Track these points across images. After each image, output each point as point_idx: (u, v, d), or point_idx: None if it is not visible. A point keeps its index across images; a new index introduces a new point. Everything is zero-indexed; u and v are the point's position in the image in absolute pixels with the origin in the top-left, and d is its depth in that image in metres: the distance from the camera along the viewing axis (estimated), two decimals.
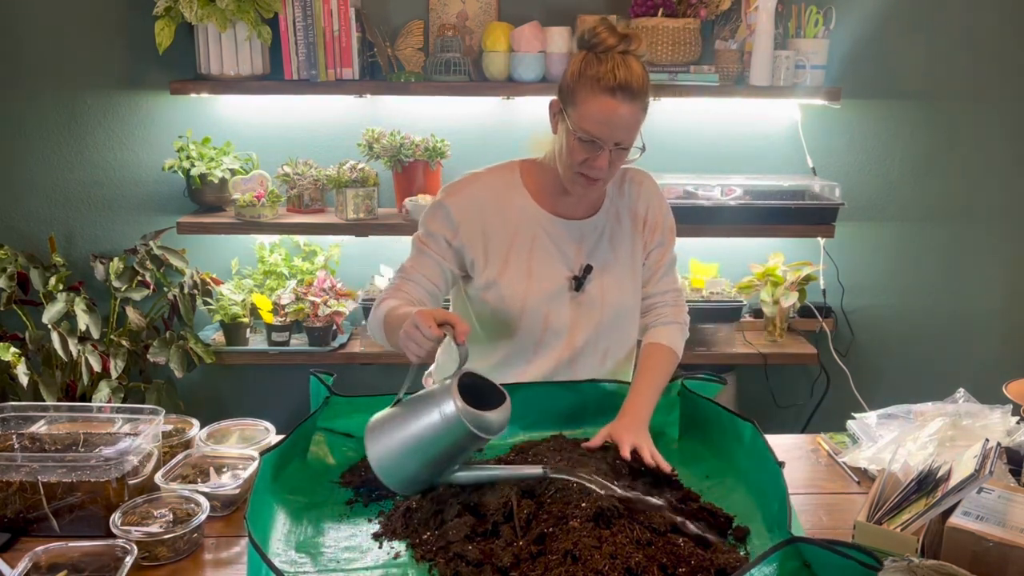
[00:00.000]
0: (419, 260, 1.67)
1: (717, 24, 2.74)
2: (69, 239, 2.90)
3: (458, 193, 1.67)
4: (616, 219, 1.72)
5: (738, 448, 1.49)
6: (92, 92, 2.78)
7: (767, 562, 1.06)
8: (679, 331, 1.74)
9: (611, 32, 1.51)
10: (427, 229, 1.67)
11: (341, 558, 1.27)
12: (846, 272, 2.97)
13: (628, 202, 1.73)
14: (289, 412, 2.71)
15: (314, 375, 1.57)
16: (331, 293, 2.75)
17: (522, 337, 1.69)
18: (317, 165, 2.78)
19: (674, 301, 1.77)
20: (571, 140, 1.53)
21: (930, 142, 2.91)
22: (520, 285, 1.65)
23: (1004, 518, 1.23)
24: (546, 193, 1.68)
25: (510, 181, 1.69)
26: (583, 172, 1.56)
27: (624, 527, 1.22)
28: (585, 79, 1.49)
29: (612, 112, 1.48)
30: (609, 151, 1.52)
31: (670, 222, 1.77)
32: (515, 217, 1.66)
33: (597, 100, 1.48)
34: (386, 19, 2.75)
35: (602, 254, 1.70)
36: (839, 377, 2.98)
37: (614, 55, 1.49)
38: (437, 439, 1.31)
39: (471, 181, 1.69)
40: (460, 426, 1.29)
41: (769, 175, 2.86)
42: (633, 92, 1.49)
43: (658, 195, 1.76)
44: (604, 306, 1.70)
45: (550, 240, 1.67)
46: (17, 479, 1.35)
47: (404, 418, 1.34)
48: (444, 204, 1.66)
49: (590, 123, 1.50)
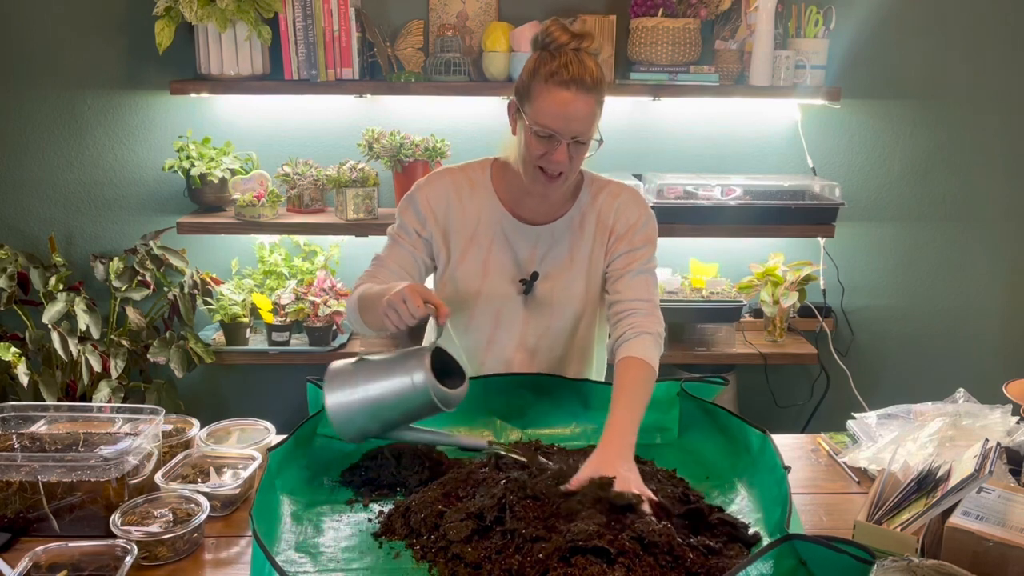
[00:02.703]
0: (393, 250, 1.73)
1: (717, 24, 2.74)
2: (69, 239, 2.90)
3: (427, 186, 1.72)
4: (579, 226, 1.71)
5: (742, 451, 1.49)
6: (92, 92, 2.79)
7: (763, 560, 1.06)
8: (652, 341, 1.61)
9: (563, 30, 1.54)
10: (400, 220, 1.74)
11: (341, 558, 1.27)
12: (846, 272, 2.97)
13: (596, 211, 1.72)
14: (289, 412, 2.70)
15: (311, 382, 1.58)
16: (331, 293, 2.75)
17: (475, 331, 1.74)
18: (317, 165, 2.78)
19: (646, 310, 1.65)
20: (529, 136, 1.55)
21: (930, 142, 2.91)
22: (475, 280, 1.70)
23: (1004, 518, 1.23)
24: (510, 194, 1.71)
25: (479, 179, 1.72)
26: (541, 167, 1.57)
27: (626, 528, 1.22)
28: (539, 76, 1.52)
29: (567, 105, 1.50)
30: (567, 144, 1.54)
31: (646, 233, 1.71)
32: (477, 214, 1.70)
33: (552, 94, 1.50)
34: (386, 19, 2.75)
35: (556, 260, 1.71)
36: (839, 377, 2.99)
37: (567, 51, 1.52)
38: (400, 402, 1.40)
39: (442, 175, 1.74)
40: (425, 395, 1.38)
41: (769, 175, 2.86)
42: (587, 85, 1.51)
43: (635, 207, 1.71)
44: (554, 311, 1.72)
45: (507, 241, 1.70)
46: (17, 479, 1.35)
47: (370, 375, 1.42)
48: (414, 196, 1.72)
49: (546, 117, 1.52)
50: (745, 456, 1.48)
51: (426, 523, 1.30)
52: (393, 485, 1.46)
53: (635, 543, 1.19)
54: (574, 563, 1.16)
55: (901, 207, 2.97)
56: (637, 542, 1.19)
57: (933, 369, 3.07)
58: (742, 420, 1.50)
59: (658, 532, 1.20)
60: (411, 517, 1.32)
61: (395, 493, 1.45)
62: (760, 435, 1.44)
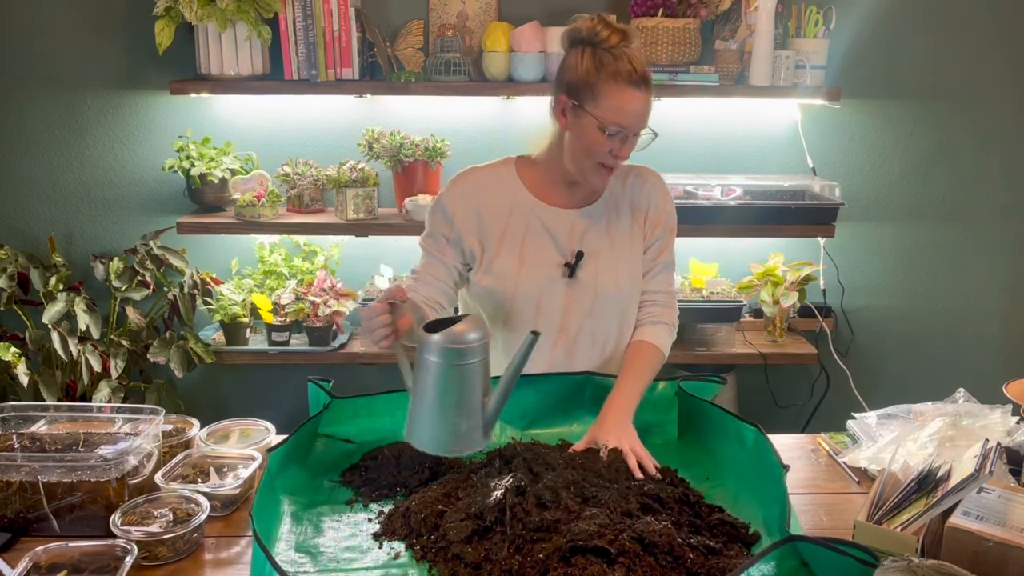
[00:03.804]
0: (426, 262, 1.73)
1: (717, 24, 2.74)
2: (69, 239, 2.90)
3: (451, 188, 1.73)
4: (615, 209, 1.74)
5: (740, 450, 1.49)
6: (92, 92, 2.79)
7: (765, 560, 1.06)
8: (666, 331, 1.76)
9: (613, 29, 1.57)
10: (428, 229, 1.74)
11: (341, 558, 1.27)
12: (846, 272, 2.97)
13: (629, 195, 1.76)
14: (289, 412, 2.71)
15: (312, 382, 1.58)
16: (331, 293, 2.75)
17: (516, 323, 1.72)
18: (317, 165, 2.78)
19: (664, 302, 1.78)
20: (593, 134, 1.57)
21: (930, 142, 2.91)
22: (512, 270, 1.69)
23: (1004, 518, 1.23)
24: (541, 185, 1.72)
25: (504, 174, 1.73)
26: (604, 163, 1.60)
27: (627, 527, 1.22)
28: (604, 75, 1.55)
29: (638, 103, 1.56)
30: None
31: (671, 223, 1.79)
32: (509, 205, 1.70)
33: (624, 93, 1.55)
34: (386, 19, 2.75)
35: (596, 242, 1.72)
36: (839, 377, 2.99)
37: (623, 50, 1.56)
38: (441, 380, 1.34)
39: (465, 176, 1.74)
40: (445, 352, 1.32)
41: (769, 175, 2.86)
42: (648, 82, 1.58)
43: (663, 194, 1.78)
44: (597, 292, 1.71)
45: (543, 227, 1.70)
46: (17, 479, 1.35)
47: (414, 395, 1.38)
48: (439, 201, 1.72)
49: (619, 115, 1.55)
50: (742, 454, 1.48)
51: (426, 523, 1.30)
52: (393, 485, 1.46)
53: (635, 543, 1.19)
54: (574, 563, 1.16)
55: (901, 207, 2.97)
56: (637, 542, 1.19)
57: (933, 369, 3.07)
58: (737, 417, 1.50)
59: (658, 532, 1.20)
60: (411, 517, 1.32)
61: (395, 493, 1.45)
62: (755, 432, 1.45)
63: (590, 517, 1.23)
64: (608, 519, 1.24)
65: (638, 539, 1.20)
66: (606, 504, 1.30)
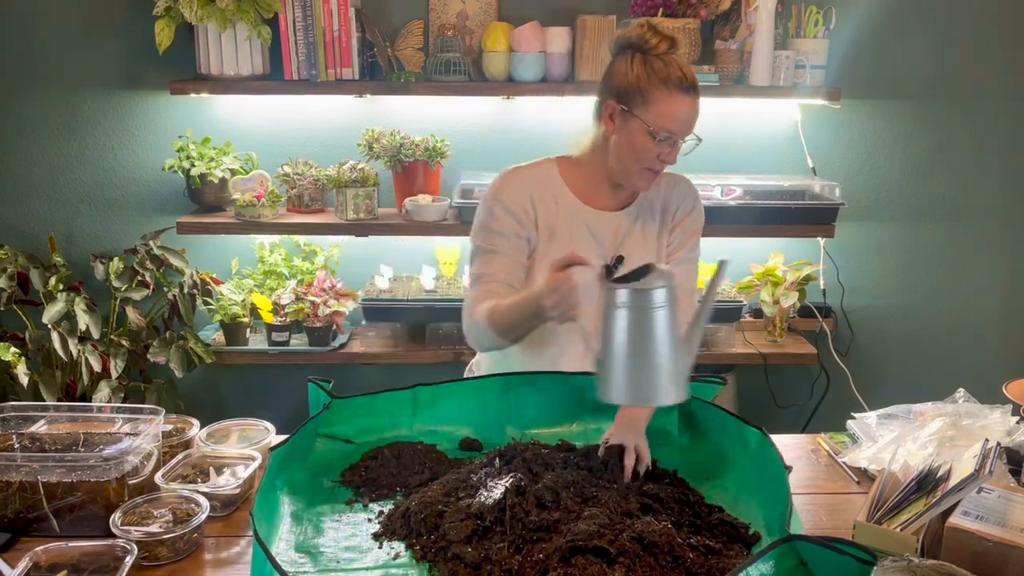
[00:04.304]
0: (492, 260, 1.68)
1: (717, 24, 2.74)
2: (69, 239, 2.90)
3: (506, 188, 1.71)
4: (649, 211, 1.77)
5: (741, 451, 1.49)
6: (92, 92, 2.79)
7: (763, 560, 1.06)
8: None
9: (662, 36, 1.60)
10: (488, 230, 1.70)
11: (341, 558, 1.27)
12: (846, 272, 2.97)
13: (661, 197, 1.78)
14: (289, 412, 2.71)
15: (312, 382, 1.58)
16: (331, 293, 2.75)
17: (550, 324, 1.67)
18: (317, 165, 2.78)
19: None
20: (642, 138, 1.59)
21: (929, 142, 2.91)
22: None
23: (1004, 518, 1.23)
24: (583, 187, 1.73)
25: (548, 175, 1.73)
26: (651, 167, 1.62)
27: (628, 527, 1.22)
28: (656, 81, 1.57)
29: (689, 109, 1.60)
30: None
31: (696, 226, 1.81)
32: (556, 208, 1.71)
33: (675, 99, 1.57)
34: (386, 19, 2.75)
35: (634, 243, 1.74)
36: (839, 377, 2.99)
37: (672, 57, 1.58)
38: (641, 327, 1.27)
39: (512, 175, 1.73)
40: (645, 296, 1.27)
41: (769, 175, 2.86)
42: (697, 89, 1.61)
43: (691, 194, 1.81)
44: None
45: (588, 230, 1.71)
46: (17, 479, 1.35)
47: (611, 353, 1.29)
48: (499, 200, 1.69)
49: (669, 121, 1.58)
50: (744, 456, 1.48)
51: (426, 523, 1.30)
52: (393, 485, 1.46)
53: (635, 543, 1.19)
54: (574, 563, 1.16)
55: (901, 207, 2.97)
56: (637, 542, 1.19)
57: (933, 369, 3.07)
58: (740, 420, 1.50)
59: (658, 532, 1.21)
60: (411, 517, 1.32)
61: (395, 493, 1.45)
62: (759, 434, 1.45)
63: (590, 517, 1.24)
64: (608, 519, 1.24)
65: (638, 539, 1.20)
66: (606, 504, 1.30)
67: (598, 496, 1.33)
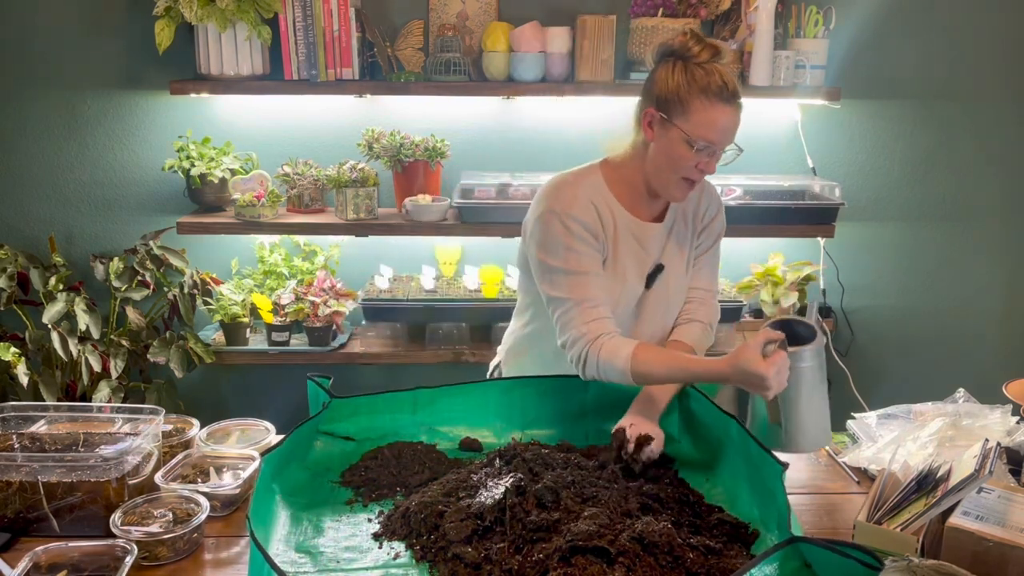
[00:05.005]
0: (587, 283, 1.61)
1: (717, 24, 2.74)
2: (69, 239, 2.90)
3: (575, 203, 1.63)
4: (682, 220, 1.76)
5: (739, 450, 1.49)
6: (92, 92, 2.78)
7: (767, 562, 1.06)
8: (701, 330, 1.77)
9: (705, 46, 1.56)
10: (573, 249, 1.61)
11: (341, 558, 1.27)
12: (846, 272, 2.97)
13: (692, 204, 1.77)
14: (289, 412, 2.71)
15: (311, 379, 1.58)
16: (331, 293, 2.75)
17: None
18: (317, 165, 2.78)
19: (701, 299, 1.80)
20: (681, 147, 1.56)
21: (930, 142, 2.91)
22: (616, 285, 1.68)
23: (1004, 518, 1.23)
24: (631, 198, 1.70)
25: (597, 184, 1.68)
26: (689, 176, 1.60)
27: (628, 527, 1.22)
28: (695, 90, 1.54)
29: (729, 119, 1.56)
30: None
31: (722, 228, 1.82)
32: (612, 219, 1.68)
33: (715, 109, 1.54)
34: (386, 19, 2.75)
35: (671, 254, 1.74)
36: (839, 377, 2.98)
37: (715, 66, 1.55)
38: (815, 378, 1.50)
39: (574, 186, 1.66)
40: (818, 352, 1.51)
41: (769, 175, 2.86)
42: (739, 99, 1.58)
43: (717, 202, 1.81)
44: (668, 303, 1.75)
45: (635, 241, 1.70)
46: (17, 479, 1.35)
47: (792, 406, 1.50)
48: (572, 216, 1.61)
49: (710, 131, 1.55)
50: (742, 455, 1.47)
51: (426, 523, 1.30)
52: (393, 485, 1.46)
53: (635, 543, 1.19)
54: (574, 563, 1.16)
55: (901, 207, 2.97)
56: (637, 542, 1.19)
57: (933, 369, 3.07)
58: (736, 420, 1.50)
59: (658, 532, 1.21)
60: (411, 517, 1.32)
61: (395, 493, 1.45)
62: (735, 424, 1.46)
63: (590, 517, 1.24)
64: (608, 519, 1.24)
65: (638, 539, 1.20)
66: (606, 504, 1.30)
67: (598, 496, 1.33)
